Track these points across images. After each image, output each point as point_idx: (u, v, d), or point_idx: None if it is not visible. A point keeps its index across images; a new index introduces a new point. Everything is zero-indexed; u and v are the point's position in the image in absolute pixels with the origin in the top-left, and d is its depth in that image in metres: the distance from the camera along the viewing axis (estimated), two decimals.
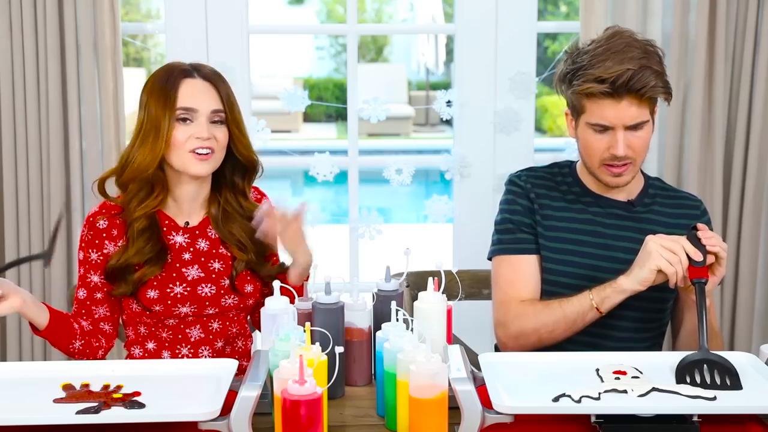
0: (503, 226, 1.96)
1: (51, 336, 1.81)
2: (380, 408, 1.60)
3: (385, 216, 2.92)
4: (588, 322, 1.81)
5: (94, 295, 1.89)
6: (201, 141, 1.83)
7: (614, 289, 1.77)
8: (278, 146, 3.33)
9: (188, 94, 1.84)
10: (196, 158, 1.83)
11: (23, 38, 2.58)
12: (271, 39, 10.09)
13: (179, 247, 1.91)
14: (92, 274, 1.89)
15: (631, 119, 1.79)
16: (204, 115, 1.84)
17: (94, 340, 1.89)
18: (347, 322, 1.71)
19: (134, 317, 1.91)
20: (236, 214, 1.93)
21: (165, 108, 1.82)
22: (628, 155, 1.81)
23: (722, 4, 2.63)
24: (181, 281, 1.88)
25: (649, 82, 1.76)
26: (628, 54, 1.76)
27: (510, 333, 1.88)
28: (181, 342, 1.91)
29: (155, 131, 1.82)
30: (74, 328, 1.86)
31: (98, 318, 1.90)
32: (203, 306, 1.90)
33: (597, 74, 1.77)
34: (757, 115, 2.69)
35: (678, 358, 1.62)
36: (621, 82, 1.75)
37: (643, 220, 1.92)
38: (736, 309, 2.78)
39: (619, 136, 1.80)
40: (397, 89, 10.85)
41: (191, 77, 1.86)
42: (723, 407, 1.46)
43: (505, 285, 1.93)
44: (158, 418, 1.43)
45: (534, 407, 1.46)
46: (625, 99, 1.77)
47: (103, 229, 1.88)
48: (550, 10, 10.76)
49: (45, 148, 2.63)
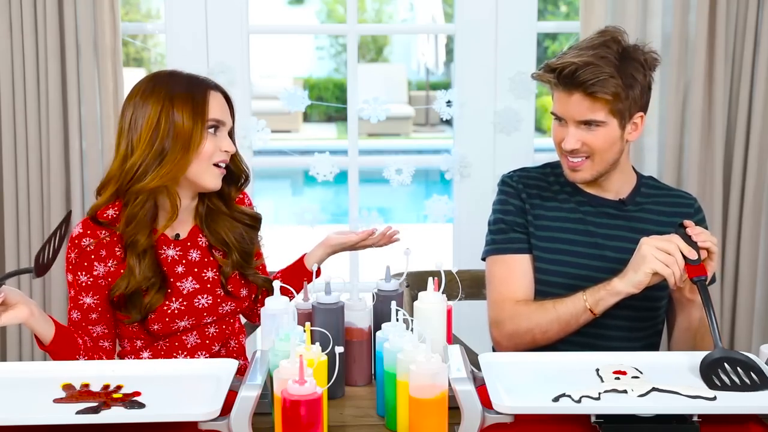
0: (496, 226, 1.96)
1: (55, 350, 1.76)
2: (380, 408, 1.60)
3: (385, 216, 2.92)
4: (582, 324, 1.81)
5: (89, 316, 1.84)
6: (226, 155, 1.83)
7: (608, 292, 1.77)
8: (278, 146, 3.33)
9: (217, 107, 1.82)
10: (218, 173, 1.83)
11: (23, 38, 2.59)
12: (271, 39, 10.10)
13: (171, 261, 1.87)
14: (84, 296, 1.83)
15: (580, 115, 1.81)
16: (227, 129, 1.85)
17: (95, 356, 1.85)
18: (347, 322, 1.71)
19: (130, 334, 1.88)
20: (221, 212, 1.92)
21: (196, 118, 1.78)
22: (579, 149, 1.83)
23: (722, 4, 2.63)
24: (177, 296, 1.85)
25: (591, 79, 1.76)
26: (593, 51, 1.78)
27: (504, 333, 1.88)
28: (177, 349, 1.89)
29: (184, 141, 1.76)
30: (78, 343, 1.82)
31: (96, 337, 1.85)
32: (201, 317, 1.88)
33: (551, 63, 1.82)
34: (757, 115, 2.69)
35: (678, 358, 1.62)
36: (566, 73, 1.78)
37: (634, 219, 1.92)
38: (736, 309, 2.78)
39: (569, 129, 1.83)
40: (397, 89, 10.85)
41: (216, 90, 1.84)
42: (723, 407, 1.46)
43: (499, 284, 1.93)
44: (158, 418, 1.43)
45: (534, 407, 1.46)
46: (575, 93, 1.79)
47: (91, 251, 1.81)
48: (550, 10, 10.76)
49: (45, 148, 2.63)
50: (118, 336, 1.92)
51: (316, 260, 2.03)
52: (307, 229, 2.83)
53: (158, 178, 1.76)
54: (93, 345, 1.85)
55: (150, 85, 1.82)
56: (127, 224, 1.79)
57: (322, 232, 2.24)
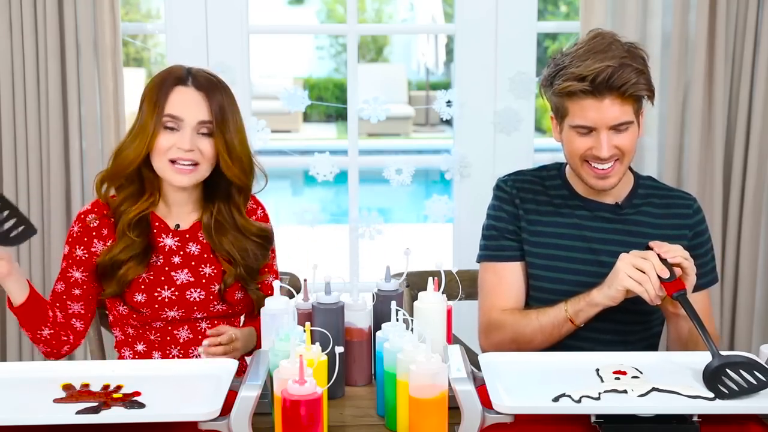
0: (488, 232, 1.96)
1: (23, 315, 1.80)
2: (380, 408, 1.60)
3: (385, 216, 2.92)
4: (564, 334, 1.81)
5: (72, 291, 1.88)
6: (183, 152, 1.81)
7: (587, 303, 1.76)
8: (278, 146, 3.33)
9: (177, 102, 1.81)
10: (175, 169, 1.82)
11: (23, 38, 2.58)
12: (271, 39, 10.08)
13: (169, 250, 1.89)
14: (74, 270, 1.88)
15: (614, 119, 1.77)
16: (190, 126, 1.81)
17: (63, 333, 1.87)
18: (347, 322, 1.71)
19: (121, 319, 1.90)
20: (227, 225, 1.90)
21: (153, 112, 1.81)
22: (614, 154, 1.80)
23: (722, 4, 2.63)
24: (170, 285, 1.87)
25: (629, 79, 1.74)
26: (610, 53, 1.75)
27: (490, 342, 1.90)
28: (170, 344, 1.90)
29: (142, 132, 1.82)
30: (48, 315, 1.84)
31: (71, 313, 1.89)
32: (191, 310, 1.89)
33: (577, 72, 1.75)
34: (757, 115, 2.69)
35: (678, 358, 1.62)
36: (601, 79, 1.73)
37: (631, 222, 1.91)
38: (736, 309, 2.78)
39: (602, 137, 1.78)
40: (397, 89, 10.84)
41: (184, 85, 1.83)
42: (723, 407, 1.46)
43: (488, 293, 1.93)
44: (158, 418, 1.43)
45: (534, 407, 1.46)
46: (606, 98, 1.75)
47: (94, 228, 1.88)
48: (550, 10, 10.76)
49: (45, 148, 2.63)
50: (110, 323, 1.95)
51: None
52: (307, 229, 2.83)
53: (119, 162, 1.84)
54: (64, 321, 1.88)
55: (151, 79, 1.88)
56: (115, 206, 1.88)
57: (322, 232, 2.25)
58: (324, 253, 3.64)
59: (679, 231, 1.89)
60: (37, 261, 2.67)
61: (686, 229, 1.91)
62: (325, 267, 1.87)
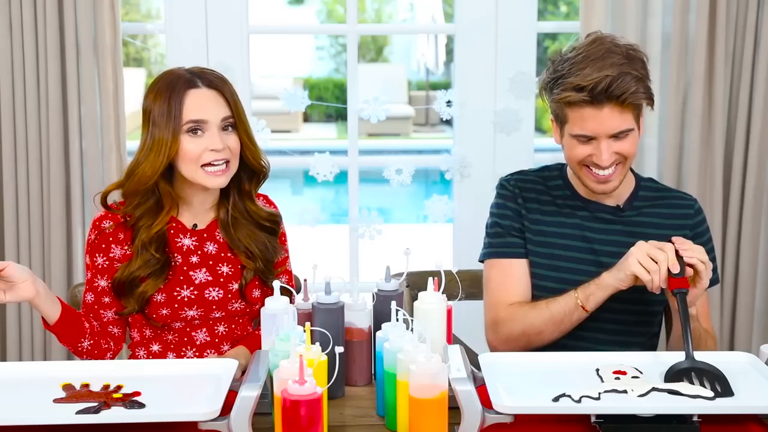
0: (493, 229, 1.96)
1: (60, 331, 1.80)
2: (380, 408, 1.60)
3: (385, 216, 2.92)
4: (575, 322, 1.81)
5: (102, 300, 1.88)
6: (216, 153, 1.80)
7: (598, 286, 1.77)
8: (278, 146, 3.32)
9: (195, 106, 1.79)
10: (209, 173, 1.81)
11: (23, 38, 2.58)
12: (271, 39, 10.10)
13: (187, 250, 1.89)
14: (99, 279, 1.87)
15: (614, 128, 1.76)
16: (215, 125, 1.81)
17: (102, 341, 1.87)
18: (347, 322, 1.71)
19: (140, 320, 1.90)
20: (243, 219, 1.91)
21: (169, 123, 1.78)
22: (615, 160, 1.80)
23: (722, 4, 2.63)
24: (189, 284, 1.87)
25: (629, 88, 1.73)
26: (608, 60, 1.74)
27: (499, 337, 1.89)
28: (186, 345, 1.90)
29: (157, 146, 1.78)
30: (84, 326, 1.84)
31: (106, 321, 1.89)
32: (210, 309, 1.89)
33: (576, 82, 1.74)
34: (757, 115, 2.69)
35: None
36: (600, 89, 1.72)
37: (632, 224, 1.91)
38: (736, 309, 2.78)
39: (603, 146, 1.78)
40: (397, 89, 10.85)
41: (196, 87, 1.81)
42: (723, 407, 1.46)
43: (494, 288, 1.93)
44: (158, 418, 1.43)
45: (534, 407, 1.46)
46: (606, 107, 1.74)
47: (110, 233, 1.86)
48: (550, 10, 10.76)
49: (45, 148, 2.63)
50: (128, 323, 1.94)
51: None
52: (308, 229, 2.83)
53: (137, 180, 1.80)
54: (101, 330, 1.88)
55: (150, 89, 1.84)
56: (127, 217, 1.85)
57: (322, 232, 2.25)
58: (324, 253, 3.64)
59: (680, 232, 1.89)
60: (38, 261, 2.67)
61: (687, 230, 1.91)
62: (325, 267, 1.87)
